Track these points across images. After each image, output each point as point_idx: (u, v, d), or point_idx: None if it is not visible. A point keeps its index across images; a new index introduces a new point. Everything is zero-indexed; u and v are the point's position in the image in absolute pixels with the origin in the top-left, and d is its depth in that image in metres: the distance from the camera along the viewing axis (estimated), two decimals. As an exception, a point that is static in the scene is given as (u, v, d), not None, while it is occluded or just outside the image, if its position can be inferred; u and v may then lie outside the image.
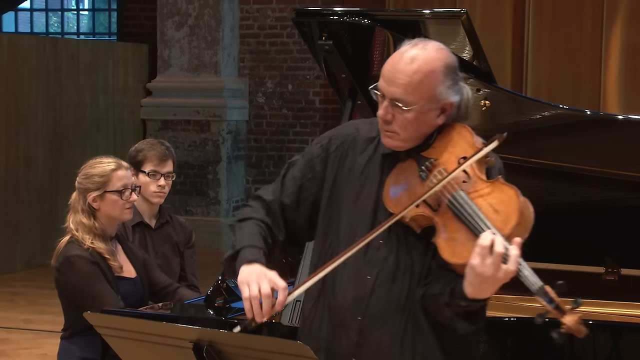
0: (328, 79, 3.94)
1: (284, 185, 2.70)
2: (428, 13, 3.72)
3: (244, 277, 2.49)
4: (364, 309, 2.54)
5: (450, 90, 2.52)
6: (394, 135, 2.53)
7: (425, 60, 2.49)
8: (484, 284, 2.32)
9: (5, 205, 9.03)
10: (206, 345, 2.40)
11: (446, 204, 2.43)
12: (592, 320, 3.40)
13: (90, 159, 3.92)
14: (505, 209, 2.38)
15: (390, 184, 2.54)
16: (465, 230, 2.38)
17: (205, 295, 3.71)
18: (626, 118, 3.83)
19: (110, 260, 3.75)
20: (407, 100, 2.47)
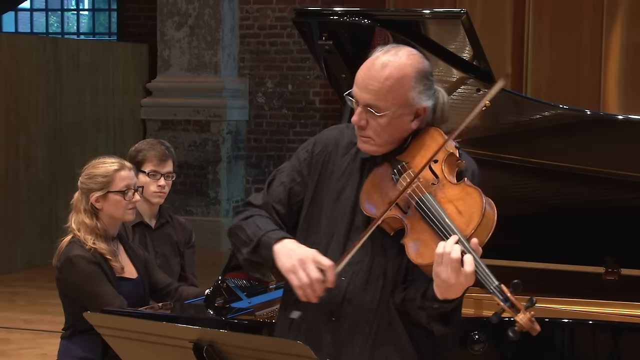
0: (328, 79, 3.94)
1: (273, 191, 2.73)
2: (428, 13, 3.72)
3: (286, 264, 2.50)
4: (338, 310, 2.58)
5: (422, 95, 2.56)
6: (369, 141, 2.58)
7: (397, 66, 2.53)
8: (450, 288, 2.37)
9: (5, 205, 9.03)
10: (206, 345, 2.40)
11: (414, 206, 2.48)
12: (592, 320, 3.41)
13: (93, 159, 3.93)
14: (468, 210, 2.43)
15: (366, 187, 2.59)
16: (430, 231, 2.43)
17: (205, 295, 3.71)
18: (626, 118, 3.83)
19: (112, 261, 3.75)
20: (380, 106, 2.52)
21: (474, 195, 2.45)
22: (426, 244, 2.43)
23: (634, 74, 9.35)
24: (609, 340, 3.40)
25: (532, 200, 3.94)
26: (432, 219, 2.43)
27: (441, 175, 2.51)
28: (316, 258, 2.47)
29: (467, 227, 2.40)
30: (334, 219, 2.64)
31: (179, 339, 2.44)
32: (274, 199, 2.71)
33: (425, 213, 2.45)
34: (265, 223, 2.63)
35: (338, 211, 2.64)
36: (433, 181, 2.51)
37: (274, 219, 2.69)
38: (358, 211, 2.60)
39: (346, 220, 2.62)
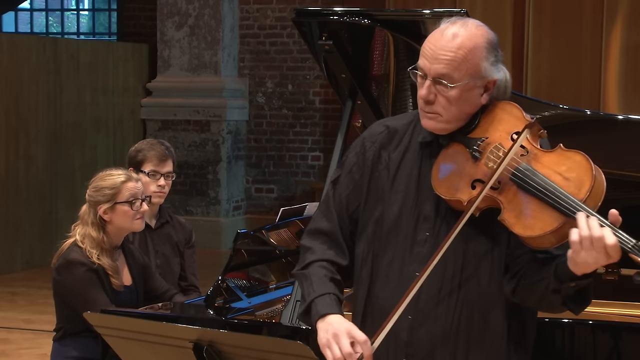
0: (328, 79, 3.94)
1: (337, 205, 2.62)
2: (428, 13, 3.72)
3: (322, 339, 2.42)
4: (413, 307, 2.45)
5: (493, 67, 2.47)
6: (437, 117, 2.46)
7: (468, 36, 2.44)
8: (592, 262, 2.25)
9: (5, 205, 9.03)
10: (206, 345, 2.40)
11: (509, 178, 2.36)
12: (592, 320, 3.40)
13: (100, 171, 3.94)
14: (575, 175, 2.32)
15: (437, 171, 2.46)
16: (535, 201, 2.32)
17: (205, 295, 3.71)
18: (626, 118, 3.83)
19: (113, 277, 3.77)
20: (453, 76, 2.42)
21: (576, 158, 2.35)
22: (533, 216, 2.30)
23: (634, 74, 9.35)
24: (608, 340, 3.39)
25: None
26: (537, 188, 2.31)
27: (529, 145, 2.39)
28: (351, 332, 2.38)
29: (579, 192, 2.28)
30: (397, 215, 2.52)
31: (179, 339, 2.44)
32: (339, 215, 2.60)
33: (527, 183, 2.32)
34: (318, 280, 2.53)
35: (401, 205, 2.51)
36: (522, 152, 2.37)
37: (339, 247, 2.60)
38: (424, 200, 2.49)
39: (410, 213, 2.50)
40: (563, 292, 2.35)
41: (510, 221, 2.34)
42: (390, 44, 3.75)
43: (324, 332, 2.42)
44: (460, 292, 2.46)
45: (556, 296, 2.36)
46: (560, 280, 2.33)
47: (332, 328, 2.41)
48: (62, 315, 3.85)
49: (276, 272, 4.15)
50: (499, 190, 2.37)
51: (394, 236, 2.52)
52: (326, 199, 2.67)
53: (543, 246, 2.33)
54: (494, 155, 2.40)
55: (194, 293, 4.34)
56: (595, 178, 2.31)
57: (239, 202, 10.74)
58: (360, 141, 2.64)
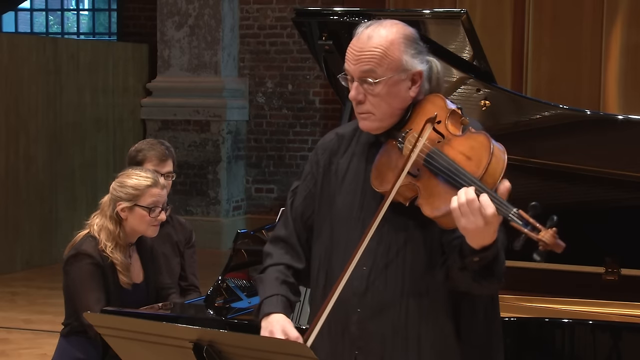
0: (328, 79, 3.94)
1: (293, 213, 2.75)
2: (428, 13, 3.73)
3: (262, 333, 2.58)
4: (362, 301, 2.54)
5: (415, 59, 2.55)
6: (370, 116, 2.56)
7: (383, 35, 2.54)
8: (481, 234, 2.32)
9: (5, 205, 9.03)
10: (206, 345, 2.40)
11: (422, 164, 2.45)
12: (592, 320, 3.41)
13: (131, 168, 3.92)
14: (476, 153, 2.40)
15: (375, 168, 2.56)
16: (442, 184, 2.41)
17: (205, 295, 3.71)
18: (626, 118, 3.83)
19: (121, 273, 3.73)
20: (376, 71, 2.51)
21: (479, 138, 2.43)
22: (439, 196, 2.40)
23: (634, 74, 9.35)
24: (608, 340, 3.40)
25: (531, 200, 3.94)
26: (442, 170, 2.41)
27: (445, 132, 2.48)
28: (285, 329, 2.54)
29: (477, 169, 2.36)
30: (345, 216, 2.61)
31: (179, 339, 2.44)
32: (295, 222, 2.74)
33: (434, 166, 2.42)
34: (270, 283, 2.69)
35: (349, 207, 2.61)
36: (438, 139, 2.47)
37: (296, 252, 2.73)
38: (369, 200, 2.57)
39: (357, 213, 2.59)
40: (468, 268, 2.40)
41: (422, 204, 2.43)
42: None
43: (263, 329, 2.59)
44: (404, 283, 2.53)
45: (465, 274, 2.42)
46: (464, 256, 2.40)
47: (270, 326, 2.58)
48: (69, 310, 3.84)
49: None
50: (417, 177, 2.46)
51: (344, 237, 2.60)
52: (285, 207, 2.80)
53: (453, 225, 2.38)
54: (411, 143, 2.48)
55: (194, 293, 4.35)
56: (492, 154, 2.37)
57: (239, 202, 10.74)
58: (314, 151, 2.77)
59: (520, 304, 3.67)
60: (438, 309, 2.53)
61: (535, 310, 3.63)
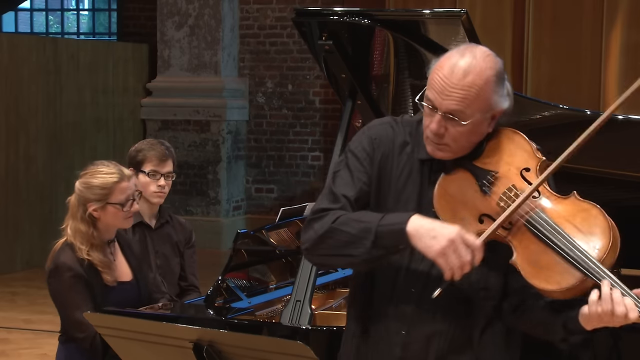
0: (328, 79, 3.93)
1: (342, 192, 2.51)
2: (428, 13, 3.72)
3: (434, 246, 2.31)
4: (408, 324, 2.48)
5: (502, 98, 2.46)
6: (445, 148, 2.45)
7: (479, 72, 2.40)
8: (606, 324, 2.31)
9: (5, 205, 9.03)
10: (206, 345, 2.40)
11: (523, 224, 2.35)
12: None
13: (92, 165, 3.77)
14: (593, 230, 2.32)
15: (442, 195, 2.44)
16: (550, 253, 2.31)
17: (205, 295, 3.71)
18: (626, 118, 3.82)
19: (104, 273, 3.62)
20: (465, 112, 2.40)
21: (592, 212, 2.35)
22: (550, 268, 2.29)
23: (634, 74, 9.33)
24: (608, 340, 3.39)
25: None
26: (555, 243, 2.30)
27: (540, 187, 2.39)
28: (464, 237, 2.31)
29: (594, 249, 2.28)
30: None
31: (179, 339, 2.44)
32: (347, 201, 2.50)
33: (544, 235, 2.31)
34: (365, 215, 2.42)
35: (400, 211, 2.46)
36: (534, 195, 2.37)
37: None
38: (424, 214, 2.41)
39: None
40: (570, 341, 2.41)
41: (524, 269, 2.33)
42: (390, 44, 3.75)
43: (430, 238, 2.32)
44: (451, 313, 2.47)
45: (563, 344, 2.43)
46: (569, 332, 2.38)
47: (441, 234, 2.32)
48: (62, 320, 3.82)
49: (276, 272, 4.15)
50: (509, 230, 2.36)
51: None
52: (328, 188, 2.55)
53: (554, 297, 2.34)
54: (506, 196, 2.38)
55: (194, 293, 4.34)
56: (613, 236, 2.32)
57: (239, 202, 10.74)
58: (367, 138, 2.57)
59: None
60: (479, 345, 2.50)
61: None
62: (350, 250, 2.41)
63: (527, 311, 2.47)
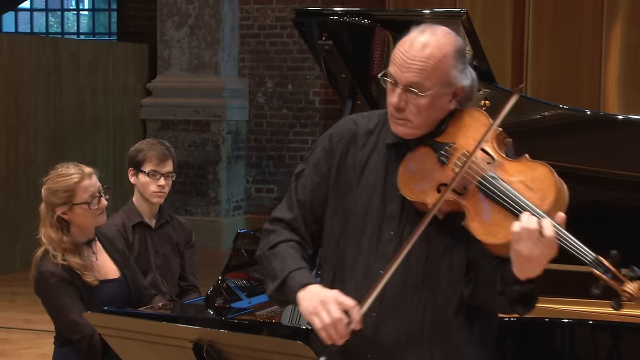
0: (328, 79, 3.94)
1: (298, 197, 2.67)
2: (428, 13, 3.73)
3: (308, 307, 2.43)
4: (378, 304, 2.50)
5: (461, 74, 2.53)
6: (407, 123, 2.52)
7: (437, 45, 2.48)
8: (532, 264, 2.33)
9: (5, 205, 9.03)
10: (206, 345, 2.40)
11: (475, 186, 2.42)
12: (592, 320, 3.40)
13: (52, 170, 3.80)
14: (539, 186, 2.38)
15: (404, 174, 2.51)
16: (499, 210, 2.38)
17: (205, 295, 3.71)
18: (626, 118, 3.83)
19: (84, 275, 3.63)
20: (423, 85, 2.47)
21: (541, 170, 2.41)
22: (497, 223, 2.36)
23: (633, 74, 9.35)
24: (608, 340, 3.39)
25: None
26: (502, 197, 2.37)
27: (495, 153, 2.46)
28: (338, 298, 2.41)
29: (542, 203, 2.34)
30: (362, 211, 2.57)
31: (179, 339, 2.44)
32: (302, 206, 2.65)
33: (492, 192, 2.39)
34: (290, 257, 2.57)
35: (365, 204, 2.56)
36: (488, 160, 2.45)
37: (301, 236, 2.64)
38: (390, 200, 2.54)
39: (375, 212, 2.55)
40: (507, 294, 2.42)
41: (474, 227, 2.40)
42: (390, 44, 3.75)
43: (309, 300, 2.44)
44: (423, 291, 2.51)
45: (501, 298, 2.44)
46: (506, 283, 2.40)
47: (317, 296, 2.43)
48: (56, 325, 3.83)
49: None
50: (464, 195, 2.43)
51: (359, 233, 2.57)
52: (289, 192, 2.71)
53: (504, 253, 2.37)
54: (461, 161, 2.45)
55: (194, 293, 4.34)
56: (559, 190, 2.37)
57: (239, 202, 10.74)
58: (327, 136, 2.68)
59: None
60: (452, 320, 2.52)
61: (535, 310, 3.62)
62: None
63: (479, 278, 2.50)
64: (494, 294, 2.45)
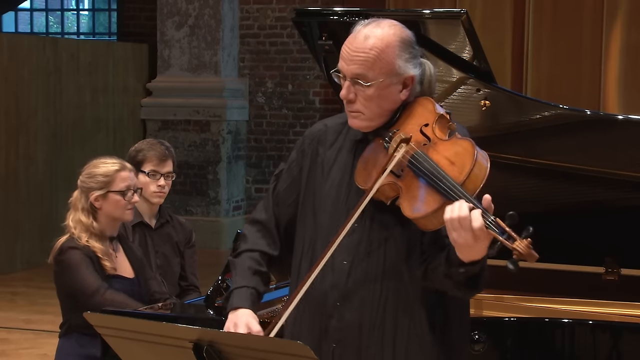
0: (328, 79, 3.93)
1: (275, 197, 2.79)
2: (428, 13, 3.72)
3: (226, 324, 2.67)
4: (342, 294, 2.57)
5: (408, 64, 2.56)
6: (359, 115, 2.58)
7: (380, 36, 2.54)
8: (472, 249, 2.35)
9: (5, 205, 9.03)
10: (206, 345, 2.40)
11: (406, 165, 2.48)
12: (592, 320, 3.41)
13: (94, 159, 3.96)
14: (459, 159, 2.43)
15: (360, 165, 2.59)
16: (425, 186, 2.44)
17: (205, 295, 3.71)
18: (626, 118, 3.83)
19: (104, 260, 3.77)
20: (367, 75, 2.52)
21: (464, 144, 2.46)
22: (421, 199, 2.43)
23: (633, 74, 9.35)
24: (609, 340, 3.40)
25: (532, 200, 3.94)
26: (424, 173, 2.43)
27: (432, 136, 2.51)
28: (249, 325, 2.63)
29: (460, 174, 2.39)
30: (330, 209, 2.63)
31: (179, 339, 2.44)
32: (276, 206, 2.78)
33: (417, 168, 2.45)
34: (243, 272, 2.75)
35: (334, 200, 2.64)
36: (424, 142, 2.51)
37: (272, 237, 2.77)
38: (352, 195, 2.60)
39: (342, 206, 2.62)
40: (453, 277, 2.44)
41: (403, 205, 2.47)
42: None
43: (228, 321, 2.67)
44: (382, 279, 2.56)
45: (448, 281, 2.47)
46: (450, 265, 2.43)
47: (235, 318, 2.66)
48: (66, 309, 3.85)
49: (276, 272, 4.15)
50: (401, 177, 2.49)
51: (326, 229, 2.62)
52: (268, 192, 2.82)
53: (430, 227, 2.43)
54: (396, 143, 2.51)
55: (194, 293, 4.34)
56: (475, 161, 2.40)
57: (239, 202, 10.74)
58: (301, 139, 2.80)
59: (520, 304, 3.67)
60: (414, 306, 2.56)
61: (535, 310, 3.63)
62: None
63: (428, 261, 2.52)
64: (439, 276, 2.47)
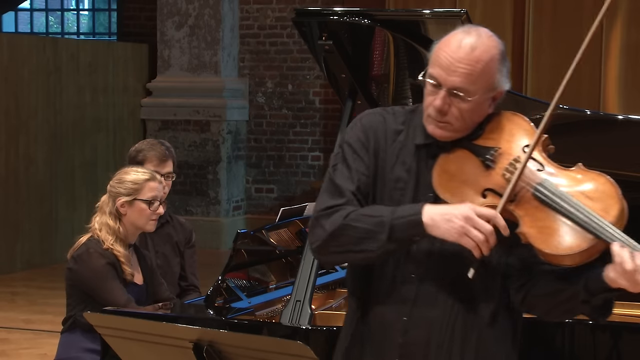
0: (328, 79, 3.94)
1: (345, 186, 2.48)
2: (428, 13, 3.72)
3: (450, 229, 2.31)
4: (410, 308, 2.46)
5: (505, 78, 2.48)
6: (447, 126, 2.44)
7: (485, 49, 2.42)
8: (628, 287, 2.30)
9: (5, 205, 9.03)
10: (206, 345, 2.40)
11: (530, 193, 2.34)
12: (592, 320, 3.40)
13: (126, 166, 4.04)
14: (599, 196, 2.33)
15: (441, 174, 2.43)
16: (558, 219, 2.31)
17: (205, 295, 3.71)
18: (626, 118, 3.83)
19: (124, 264, 3.83)
20: (469, 89, 2.40)
21: (600, 180, 2.37)
22: (559, 234, 2.29)
23: (633, 74, 9.35)
24: (609, 340, 3.39)
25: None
26: (563, 206, 2.30)
27: (544, 160, 2.41)
28: (478, 210, 2.31)
29: (606, 214, 2.28)
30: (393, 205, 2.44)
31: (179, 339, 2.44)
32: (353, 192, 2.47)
33: (551, 200, 2.31)
34: (376, 210, 2.41)
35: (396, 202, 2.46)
36: (538, 167, 2.39)
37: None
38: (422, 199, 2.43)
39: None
40: (592, 303, 2.37)
41: (533, 236, 2.31)
42: (390, 44, 3.75)
43: (446, 222, 2.32)
44: (456, 297, 2.46)
45: (585, 306, 2.38)
46: (592, 292, 2.35)
47: (454, 215, 2.32)
48: (73, 305, 3.87)
49: (276, 272, 4.16)
50: (514, 202, 2.36)
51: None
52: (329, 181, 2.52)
53: (564, 264, 2.32)
54: (512, 167, 2.39)
55: (194, 293, 4.35)
56: (622, 200, 2.33)
57: (239, 202, 10.74)
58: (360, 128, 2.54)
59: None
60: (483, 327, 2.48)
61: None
62: (365, 246, 2.39)
63: (533, 287, 2.44)
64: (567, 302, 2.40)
